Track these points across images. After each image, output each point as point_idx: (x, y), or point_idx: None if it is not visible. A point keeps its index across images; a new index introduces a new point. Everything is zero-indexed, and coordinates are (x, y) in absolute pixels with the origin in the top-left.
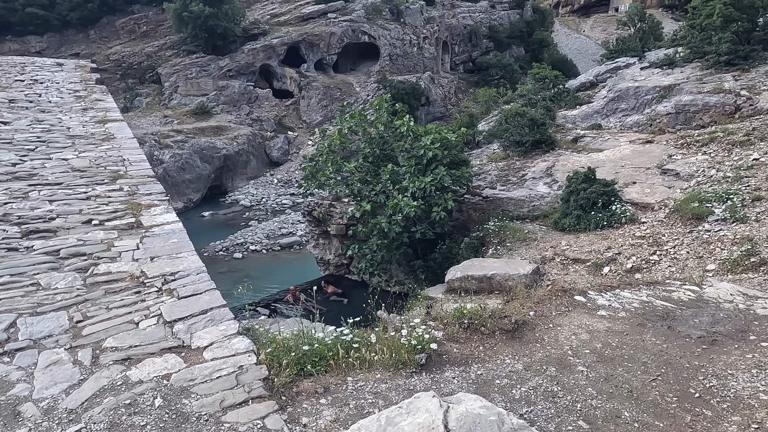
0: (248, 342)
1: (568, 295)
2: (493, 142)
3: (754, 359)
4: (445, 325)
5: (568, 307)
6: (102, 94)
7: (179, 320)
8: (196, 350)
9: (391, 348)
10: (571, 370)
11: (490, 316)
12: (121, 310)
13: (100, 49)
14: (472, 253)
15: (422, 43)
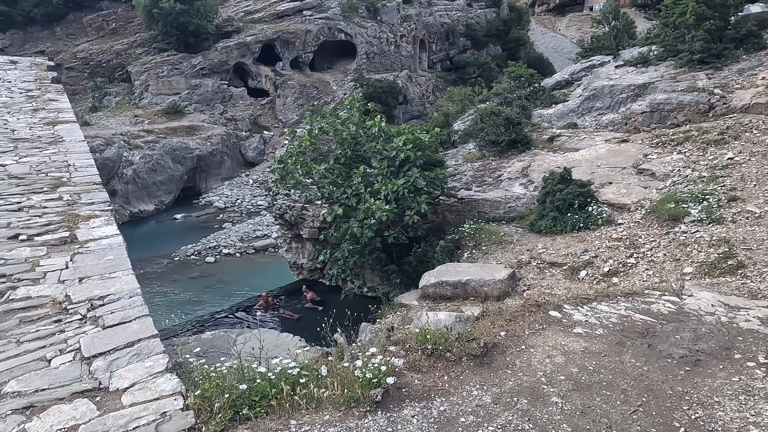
0: (176, 382)
1: (543, 311)
2: (468, 142)
3: (741, 383)
4: (407, 351)
5: (543, 325)
6: (57, 94)
7: (100, 355)
8: (114, 393)
9: (344, 382)
10: (544, 401)
11: (456, 339)
12: (33, 344)
13: (66, 46)
14: (447, 256)
15: (399, 41)
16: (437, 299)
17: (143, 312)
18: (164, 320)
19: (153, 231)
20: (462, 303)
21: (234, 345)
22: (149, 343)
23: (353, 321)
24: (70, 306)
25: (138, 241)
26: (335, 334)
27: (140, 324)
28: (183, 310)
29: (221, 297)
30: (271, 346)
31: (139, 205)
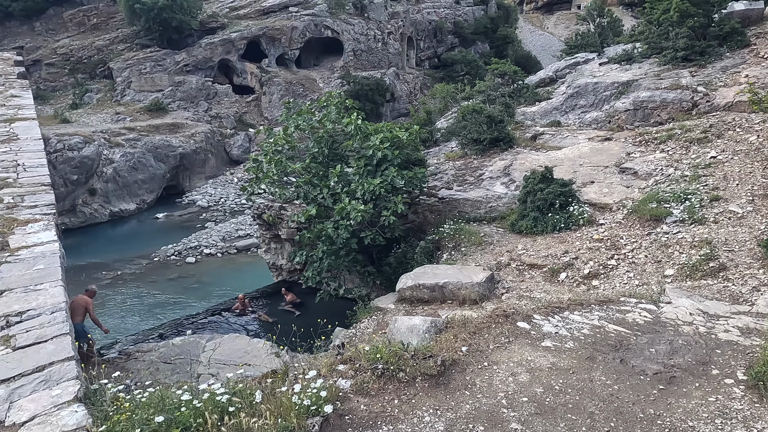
0: (81, 414)
1: (510, 322)
2: (451, 140)
3: (718, 404)
4: (357, 370)
5: (509, 338)
6: (21, 90)
7: (2, 383)
8: (10, 428)
9: (279, 410)
10: (502, 428)
11: (412, 357)
12: None
13: (46, 42)
14: (426, 258)
15: (387, 38)
16: (414, 303)
17: (62, 330)
18: (138, 324)
19: (133, 231)
20: (439, 306)
21: (203, 351)
22: (62, 368)
23: (330, 323)
24: None
25: (117, 241)
26: (281, 350)
27: (56, 344)
28: (159, 313)
29: (199, 299)
30: (241, 352)
31: (120, 204)
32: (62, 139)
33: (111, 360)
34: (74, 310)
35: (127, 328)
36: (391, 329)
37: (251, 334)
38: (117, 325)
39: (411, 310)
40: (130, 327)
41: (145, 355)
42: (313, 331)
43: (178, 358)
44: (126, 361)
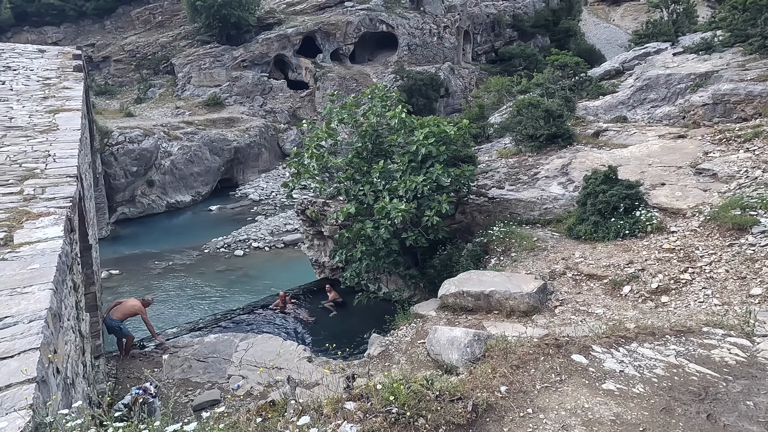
0: None
1: (564, 354)
2: (504, 136)
3: None
4: (367, 412)
5: (561, 375)
6: (73, 82)
7: None
8: None
9: None
10: None
11: (436, 398)
12: None
13: (115, 39)
14: (472, 262)
15: (442, 32)
16: (457, 311)
17: (35, 343)
18: (181, 315)
19: (187, 222)
20: (484, 317)
21: (236, 350)
22: (18, 392)
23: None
24: None
25: (172, 232)
26: (286, 377)
27: (21, 361)
28: (203, 305)
29: (243, 292)
30: (273, 354)
31: (176, 196)
32: (124, 131)
33: (147, 354)
34: (118, 309)
35: (172, 319)
36: (430, 339)
37: (288, 332)
38: (162, 316)
39: (453, 319)
40: (175, 318)
41: (180, 350)
42: (350, 334)
43: (211, 356)
44: (161, 355)
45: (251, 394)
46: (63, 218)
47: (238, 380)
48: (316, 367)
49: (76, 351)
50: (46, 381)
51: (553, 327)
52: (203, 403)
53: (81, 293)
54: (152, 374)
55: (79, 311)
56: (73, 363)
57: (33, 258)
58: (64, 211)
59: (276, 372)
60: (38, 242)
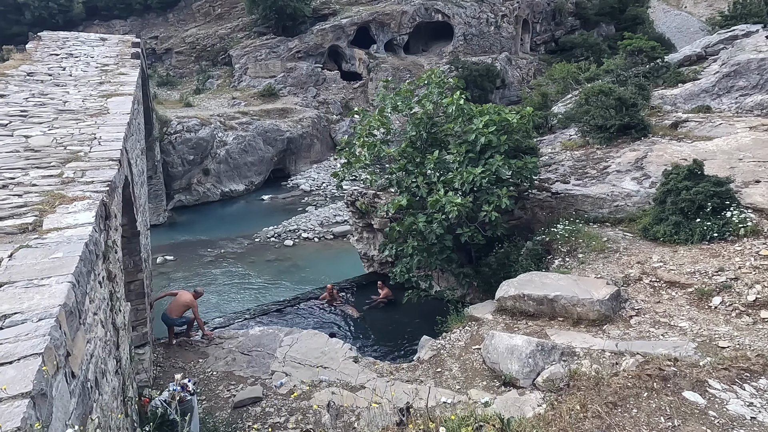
0: None
1: (672, 390)
2: (569, 127)
3: None
4: None
5: (673, 418)
6: (130, 69)
7: None
8: None
9: None
10: None
11: None
12: None
13: (177, 32)
14: (533, 262)
15: (500, 21)
16: (516, 315)
17: (38, 348)
18: (230, 304)
19: (240, 211)
20: (547, 324)
21: (280, 345)
22: (8, 409)
23: (418, 327)
24: None
25: (225, 220)
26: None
27: (19, 370)
28: (252, 294)
29: (292, 282)
30: (318, 352)
31: (230, 185)
32: (182, 121)
33: (193, 343)
34: (174, 307)
35: (220, 307)
36: (486, 346)
37: (334, 327)
38: (211, 304)
39: (512, 325)
40: (223, 306)
41: (225, 342)
42: (399, 333)
43: (255, 350)
44: (207, 345)
45: (294, 393)
46: (97, 203)
47: (282, 377)
48: (362, 368)
49: (104, 347)
50: (46, 394)
51: (629, 340)
52: (244, 400)
53: (119, 283)
54: (196, 365)
55: (114, 302)
56: (98, 362)
57: (58, 246)
58: (99, 196)
59: (320, 371)
60: (67, 228)
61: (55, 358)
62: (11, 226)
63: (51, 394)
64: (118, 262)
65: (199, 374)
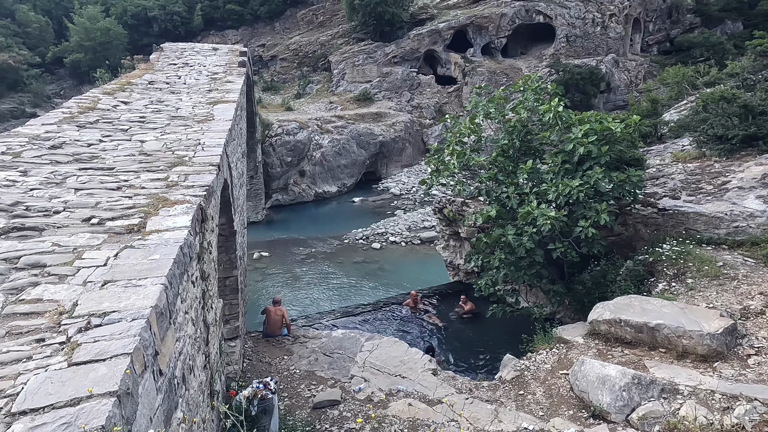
0: None
1: None
2: (682, 136)
3: None
4: None
5: None
6: (236, 77)
7: (28, 414)
8: None
9: None
10: None
11: None
12: None
13: (282, 40)
14: (633, 284)
15: (608, 21)
16: (610, 341)
17: (128, 347)
18: (317, 302)
19: (332, 212)
20: (647, 354)
21: (360, 350)
22: (96, 407)
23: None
24: (67, 321)
25: (317, 221)
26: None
27: (110, 368)
28: (338, 294)
29: (377, 286)
30: (397, 361)
31: (324, 186)
32: (282, 124)
33: (280, 339)
34: (272, 324)
35: (307, 305)
36: (575, 372)
37: (415, 335)
38: (300, 301)
39: (605, 351)
40: (310, 305)
41: (309, 341)
42: (480, 348)
43: (336, 352)
44: (293, 343)
45: (371, 400)
46: (194, 208)
47: (360, 382)
48: (441, 382)
49: (194, 344)
50: (131, 393)
51: (746, 382)
52: (323, 402)
53: (213, 282)
54: (281, 362)
55: (207, 300)
56: (186, 358)
57: (156, 248)
58: (197, 200)
59: (398, 380)
60: (166, 231)
61: (144, 357)
62: (120, 226)
63: (137, 392)
64: (212, 262)
65: (283, 371)
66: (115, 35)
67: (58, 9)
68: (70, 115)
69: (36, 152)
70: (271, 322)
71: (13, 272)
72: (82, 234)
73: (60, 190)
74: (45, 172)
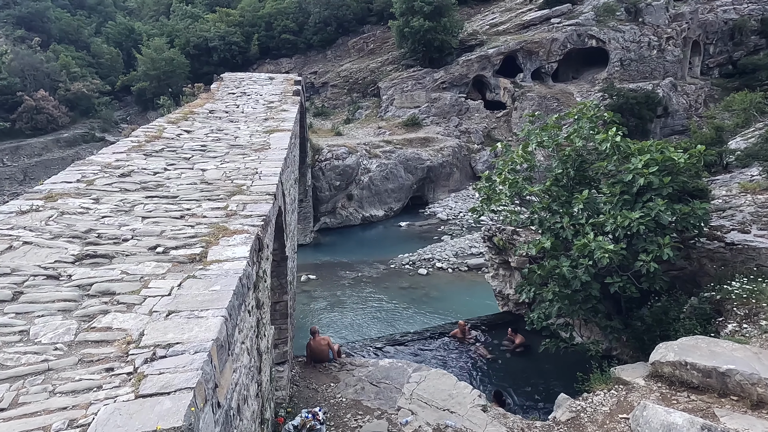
0: None
1: None
2: (751, 166)
3: None
4: None
5: None
6: (291, 105)
7: None
8: None
9: None
10: None
11: None
12: (57, 401)
13: (333, 67)
14: (699, 323)
15: (664, 44)
16: (675, 385)
17: (191, 381)
18: (364, 328)
19: (378, 236)
20: (716, 401)
21: (408, 381)
22: None
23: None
24: (134, 350)
25: (364, 244)
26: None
27: (174, 402)
28: (384, 320)
29: (424, 312)
30: (445, 394)
31: (371, 210)
32: (332, 149)
33: (326, 365)
34: (317, 354)
35: (354, 331)
36: (636, 417)
37: (464, 367)
38: (345, 326)
39: (669, 396)
40: (356, 331)
41: (356, 369)
42: (533, 384)
43: (383, 382)
44: (339, 370)
45: None
46: (252, 237)
47: (407, 415)
48: (491, 419)
49: (248, 374)
50: (193, 428)
51: None
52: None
53: (266, 309)
54: (328, 389)
55: (260, 328)
56: (241, 389)
57: (217, 278)
58: (255, 230)
59: (446, 415)
60: (226, 261)
61: (205, 391)
62: (183, 255)
63: (198, 426)
64: (266, 290)
65: (330, 399)
66: (178, 64)
67: (128, 41)
68: (138, 144)
69: (107, 180)
70: (317, 354)
71: (86, 299)
72: (149, 262)
73: (128, 218)
74: (115, 199)
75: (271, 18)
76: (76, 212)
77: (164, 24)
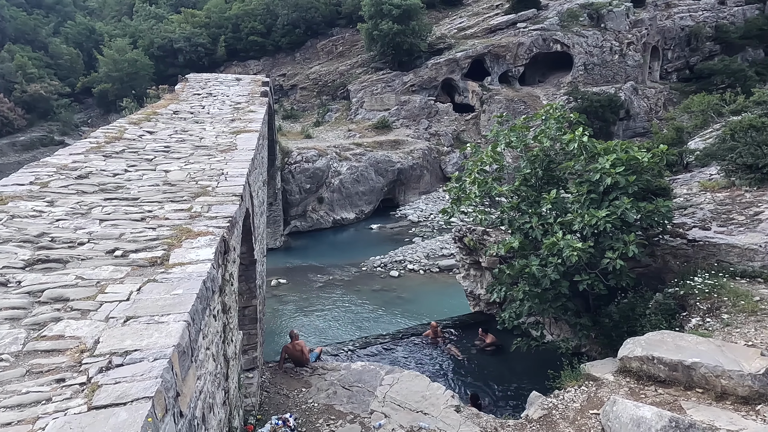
0: None
1: None
2: (709, 165)
3: None
4: None
5: None
6: (258, 106)
7: None
8: None
9: None
10: None
11: None
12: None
13: (302, 69)
14: (664, 318)
15: (626, 49)
16: (643, 380)
17: (150, 390)
18: (335, 332)
19: (350, 239)
20: (682, 394)
21: (381, 384)
22: None
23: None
24: (88, 359)
25: (336, 247)
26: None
27: (131, 413)
28: (357, 323)
29: (396, 315)
30: (419, 396)
31: (342, 213)
32: (301, 152)
33: (297, 370)
34: (296, 360)
35: (325, 334)
36: (606, 413)
37: (436, 368)
38: (317, 330)
39: (637, 390)
40: (327, 334)
41: (328, 373)
42: (504, 382)
43: (356, 385)
44: (311, 375)
45: None
46: (217, 240)
47: (381, 418)
48: (464, 419)
49: (214, 382)
50: None
51: None
52: None
53: (233, 314)
54: (299, 394)
55: (227, 334)
56: (206, 397)
57: (179, 282)
58: (220, 232)
59: (420, 417)
60: (189, 264)
61: (165, 400)
62: (143, 258)
63: None
64: (233, 293)
65: (301, 404)
66: (141, 66)
67: (89, 42)
68: (97, 145)
69: (63, 182)
70: (295, 359)
71: (37, 306)
72: (106, 267)
73: (85, 220)
74: (71, 202)
75: (238, 20)
76: (27, 215)
77: (127, 24)
